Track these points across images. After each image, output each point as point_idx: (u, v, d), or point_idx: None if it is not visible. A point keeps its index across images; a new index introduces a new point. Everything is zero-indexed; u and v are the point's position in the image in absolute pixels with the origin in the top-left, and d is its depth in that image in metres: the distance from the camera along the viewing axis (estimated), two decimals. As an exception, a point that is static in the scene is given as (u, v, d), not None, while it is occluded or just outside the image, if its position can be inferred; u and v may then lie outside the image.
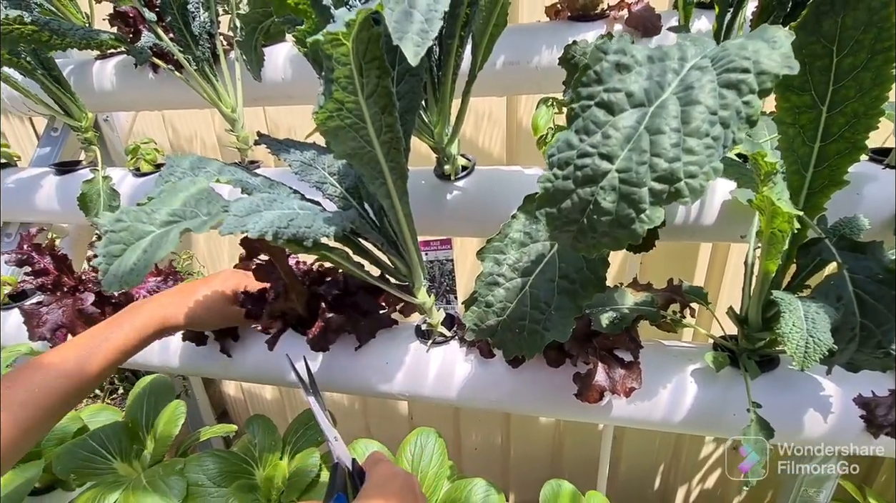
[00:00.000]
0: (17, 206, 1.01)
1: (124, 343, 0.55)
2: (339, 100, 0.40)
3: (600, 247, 0.31)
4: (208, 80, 0.80)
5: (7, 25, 0.64)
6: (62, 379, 0.50)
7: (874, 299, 0.47)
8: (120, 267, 0.39)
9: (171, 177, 0.50)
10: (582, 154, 0.28)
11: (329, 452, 0.65)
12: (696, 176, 0.26)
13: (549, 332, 0.45)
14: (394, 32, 0.35)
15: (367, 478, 0.47)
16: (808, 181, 0.52)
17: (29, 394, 0.48)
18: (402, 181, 0.51)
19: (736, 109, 0.26)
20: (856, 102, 0.46)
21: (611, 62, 0.28)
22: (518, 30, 0.85)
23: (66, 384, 0.50)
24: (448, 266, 0.73)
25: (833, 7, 0.43)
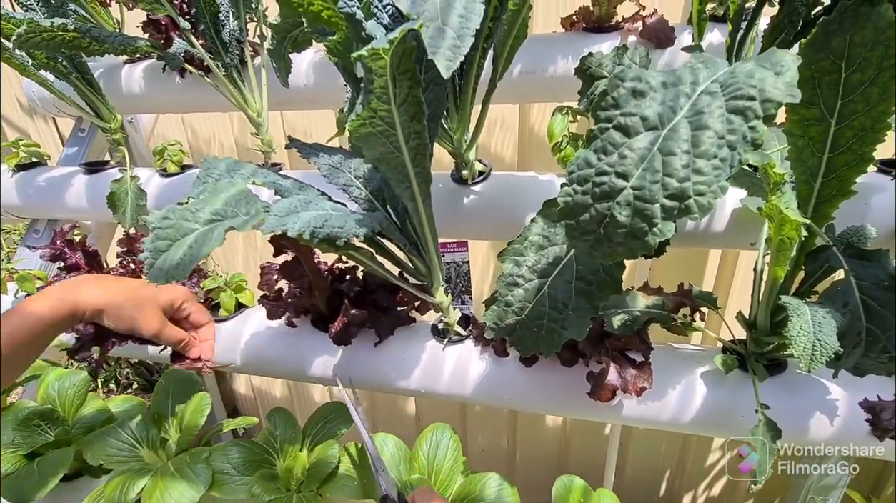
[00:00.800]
0: (47, 204, 1.05)
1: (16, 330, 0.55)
2: (373, 108, 0.43)
3: (615, 256, 0.33)
4: (236, 85, 0.83)
5: (51, 32, 0.67)
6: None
7: (880, 305, 0.49)
8: (166, 261, 0.42)
9: (209, 178, 0.53)
10: (600, 172, 0.31)
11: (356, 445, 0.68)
12: (705, 194, 0.29)
13: (567, 331, 0.48)
14: (429, 47, 0.38)
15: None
16: (816, 191, 0.54)
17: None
18: (426, 185, 0.54)
19: (742, 134, 0.29)
20: (863, 116, 0.48)
21: (627, 88, 0.31)
22: (534, 40, 0.88)
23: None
24: (464, 268, 0.75)
25: (841, 26, 0.45)
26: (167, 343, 0.64)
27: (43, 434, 0.74)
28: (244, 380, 2.03)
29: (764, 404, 0.56)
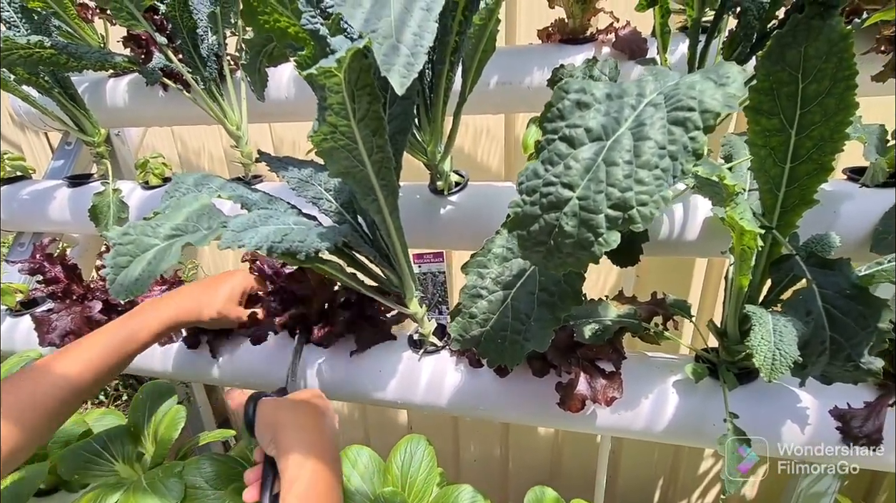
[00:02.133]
0: (32, 217, 1.05)
1: (126, 341, 0.58)
2: (332, 123, 0.43)
3: (566, 266, 0.34)
4: (215, 98, 0.84)
5: (28, 49, 0.68)
6: (64, 382, 0.52)
7: (842, 314, 0.50)
8: (126, 277, 0.42)
9: (177, 192, 0.54)
10: (547, 183, 0.31)
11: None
12: (647, 204, 0.29)
13: (529, 342, 0.48)
14: (382, 65, 0.38)
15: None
16: (780, 200, 0.54)
17: (33, 398, 0.50)
18: (393, 197, 0.54)
19: (683, 144, 0.29)
20: (822, 126, 0.49)
21: (572, 100, 0.31)
22: (511, 52, 0.89)
23: (69, 387, 0.53)
24: (440, 278, 0.76)
25: (795, 38, 0.46)
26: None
27: (18, 449, 0.74)
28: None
29: (733, 413, 0.56)
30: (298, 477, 0.48)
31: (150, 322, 0.60)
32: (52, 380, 0.52)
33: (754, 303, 0.58)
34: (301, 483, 0.47)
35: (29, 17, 0.90)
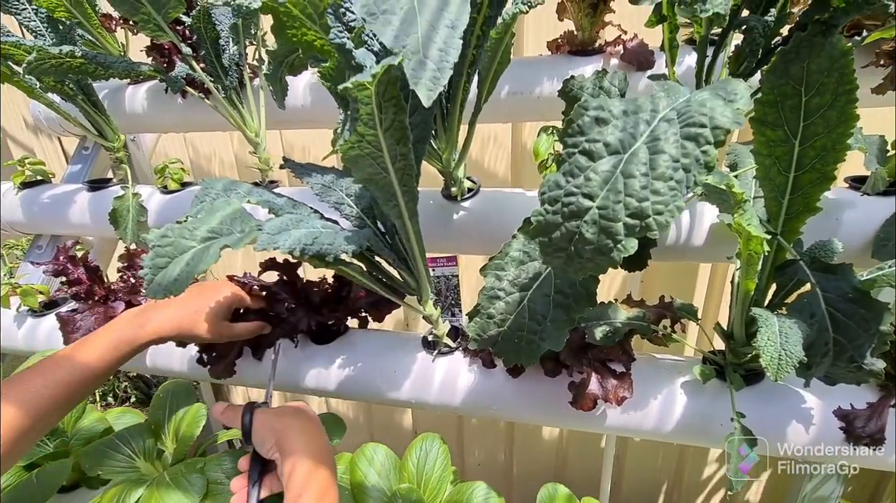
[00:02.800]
0: (51, 220, 1.07)
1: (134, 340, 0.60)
2: (361, 133, 0.46)
3: (586, 270, 0.36)
4: (235, 106, 0.87)
5: (59, 59, 0.71)
6: (78, 372, 0.55)
7: (845, 317, 0.52)
8: (165, 277, 0.45)
9: (206, 197, 0.56)
10: (568, 193, 0.33)
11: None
12: (663, 213, 0.31)
13: (545, 342, 0.50)
14: (410, 79, 0.41)
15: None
16: (784, 207, 0.56)
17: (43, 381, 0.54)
18: (413, 203, 0.56)
19: (695, 157, 0.31)
20: (824, 137, 0.51)
21: (591, 116, 0.34)
22: (522, 63, 0.92)
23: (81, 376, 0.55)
24: (453, 281, 0.78)
25: (798, 55, 0.48)
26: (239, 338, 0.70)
27: (42, 445, 0.76)
28: (241, 393, 2.03)
29: (740, 412, 0.58)
30: (310, 483, 0.49)
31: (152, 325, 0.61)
32: (65, 366, 0.55)
33: (760, 306, 0.60)
34: (314, 490, 0.48)
35: (54, 27, 0.93)
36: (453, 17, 0.45)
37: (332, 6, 0.51)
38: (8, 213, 1.10)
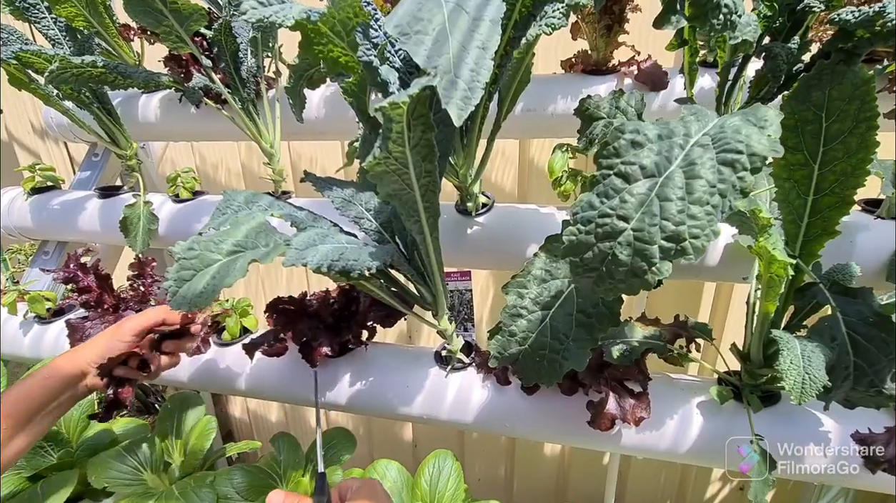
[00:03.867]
0: (61, 226, 1.07)
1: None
2: (389, 150, 0.46)
3: (617, 291, 0.36)
4: (251, 117, 0.87)
5: (81, 68, 0.71)
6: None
7: (866, 340, 0.52)
8: (189, 290, 0.44)
9: (228, 209, 0.56)
10: (602, 214, 0.33)
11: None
12: (699, 237, 0.32)
13: (568, 362, 0.50)
14: (443, 98, 0.41)
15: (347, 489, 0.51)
16: (803, 230, 0.57)
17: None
18: (435, 219, 0.56)
19: (732, 183, 0.32)
20: (844, 163, 0.52)
21: (627, 139, 0.34)
22: (536, 80, 0.92)
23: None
24: (467, 296, 0.78)
25: (820, 81, 0.49)
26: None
27: (46, 456, 0.75)
28: (240, 405, 2.01)
29: (759, 435, 0.58)
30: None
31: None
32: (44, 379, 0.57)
33: (776, 328, 0.60)
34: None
35: (73, 36, 0.94)
36: (484, 38, 0.45)
37: (362, 25, 0.52)
38: (17, 218, 1.09)
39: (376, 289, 0.58)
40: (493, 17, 0.46)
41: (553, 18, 0.56)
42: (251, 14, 0.45)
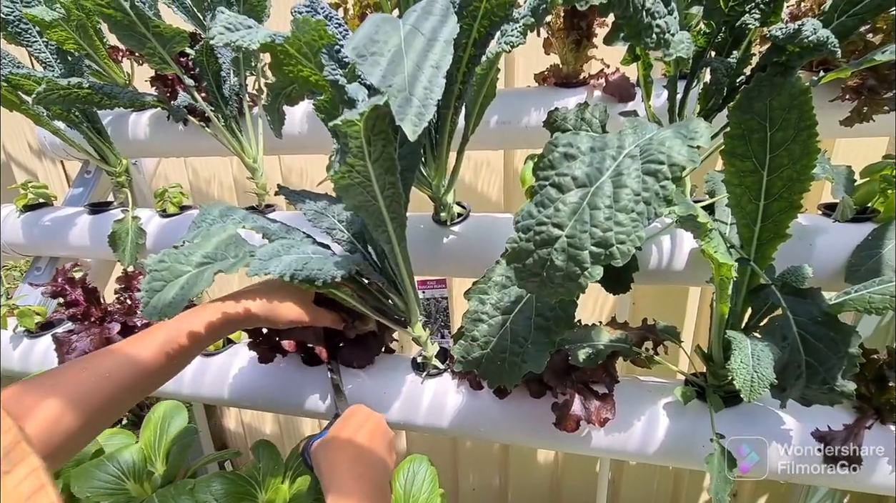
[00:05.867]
0: (52, 242, 1.10)
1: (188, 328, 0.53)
2: (350, 164, 0.49)
3: (558, 295, 0.38)
4: (234, 134, 0.90)
5: (68, 90, 0.74)
6: (134, 366, 0.50)
7: (815, 339, 0.54)
8: (160, 300, 0.47)
9: (203, 223, 0.58)
10: (540, 223, 0.36)
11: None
12: (625, 242, 0.34)
13: (527, 364, 0.52)
14: (397, 115, 0.44)
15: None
16: (756, 234, 0.59)
17: (100, 380, 0.48)
18: (402, 229, 0.59)
19: (655, 192, 0.34)
20: (789, 169, 0.55)
21: (560, 153, 0.36)
22: (510, 94, 0.96)
23: (132, 368, 0.50)
24: (443, 304, 0.80)
25: (760, 93, 0.51)
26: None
27: (32, 467, 0.76)
28: (234, 416, 2.02)
29: (719, 433, 0.60)
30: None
31: (207, 317, 0.55)
32: (118, 361, 0.49)
33: (737, 329, 0.62)
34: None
35: (63, 58, 0.97)
36: (438, 58, 0.48)
37: (327, 46, 0.55)
38: (9, 235, 1.12)
39: (347, 297, 0.60)
40: (447, 37, 0.49)
41: (512, 37, 0.59)
42: (219, 39, 0.48)
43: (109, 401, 0.48)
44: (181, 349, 0.53)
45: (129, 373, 0.49)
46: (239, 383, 0.79)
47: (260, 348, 0.72)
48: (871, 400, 0.62)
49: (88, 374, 0.48)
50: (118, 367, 0.49)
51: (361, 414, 0.61)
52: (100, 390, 0.47)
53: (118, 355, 0.50)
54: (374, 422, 0.60)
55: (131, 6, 0.69)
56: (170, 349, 0.52)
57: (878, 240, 0.67)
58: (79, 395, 0.46)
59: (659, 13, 0.43)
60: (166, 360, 0.52)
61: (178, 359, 0.54)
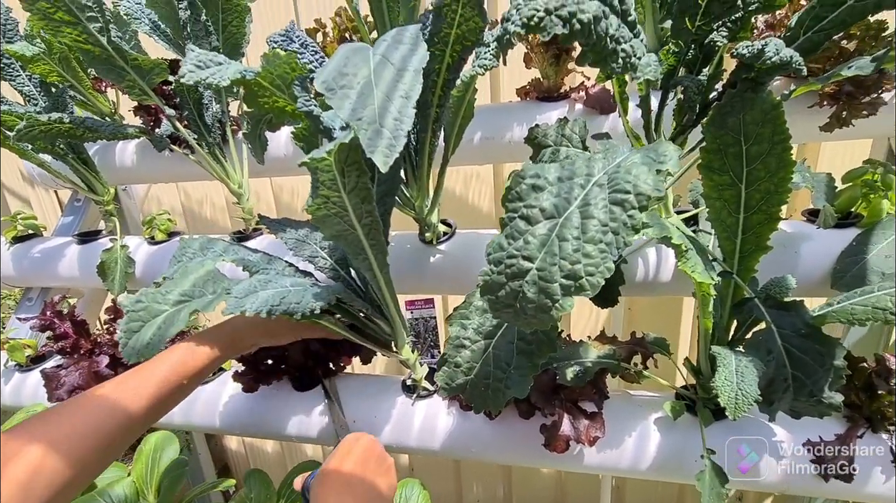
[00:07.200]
0: (42, 274, 1.10)
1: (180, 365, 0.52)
2: (325, 195, 0.49)
3: (532, 325, 0.38)
4: (218, 160, 0.90)
5: (48, 125, 0.75)
6: (118, 411, 0.48)
7: (801, 352, 0.53)
8: (138, 341, 0.47)
9: (183, 257, 0.58)
10: (510, 255, 0.36)
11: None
12: (594, 274, 0.34)
13: (510, 390, 0.51)
14: (367, 148, 0.44)
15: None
16: (738, 246, 0.59)
17: (84, 428, 0.46)
18: (383, 255, 0.59)
19: (623, 221, 0.34)
20: (767, 182, 0.54)
21: (528, 184, 0.36)
22: (493, 109, 0.96)
23: (121, 416, 0.48)
24: (431, 323, 0.79)
25: (733, 108, 0.52)
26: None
27: None
28: (235, 437, 2.01)
29: (710, 449, 0.59)
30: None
31: (204, 346, 0.54)
32: (106, 409, 0.48)
33: (723, 342, 0.62)
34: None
35: (47, 91, 0.98)
36: (407, 88, 0.48)
37: (299, 78, 0.55)
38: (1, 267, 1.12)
39: (331, 325, 0.60)
40: (417, 66, 0.49)
41: (485, 60, 0.59)
42: (189, 77, 0.48)
43: (100, 448, 0.47)
44: (193, 372, 0.52)
45: (117, 421, 0.48)
46: (229, 411, 0.79)
47: (244, 379, 0.71)
48: (861, 408, 0.61)
49: (77, 424, 0.46)
50: (106, 418, 0.47)
51: (351, 442, 0.60)
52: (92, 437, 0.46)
53: (106, 403, 0.48)
54: (364, 448, 0.59)
55: (108, 41, 0.69)
56: (175, 377, 0.51)
57: (863, 245, 0.67)
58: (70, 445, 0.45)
59: (623, 38, 0.43)
60: (169, 391, 0.51)
61: (188, 385, 0.53)
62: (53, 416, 0.47)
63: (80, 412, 0.47)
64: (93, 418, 0.47)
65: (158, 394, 0.50)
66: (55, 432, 0.45)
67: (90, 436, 0.46)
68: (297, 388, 0.77)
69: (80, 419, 0.47)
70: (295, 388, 0.78)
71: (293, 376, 0.75)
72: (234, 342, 0.58)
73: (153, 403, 0.50)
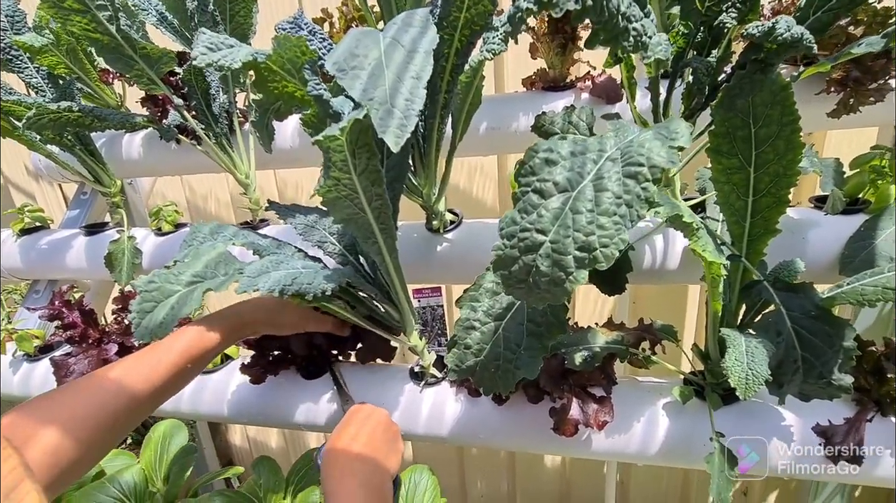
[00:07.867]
0: (49, 265, 1.10)
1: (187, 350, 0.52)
2: (336, 177, 0.49)
3: (545, 300, 0.38)
4: (225, 151, 0.91)
5: (58, 114, 0.75)
6: (125, 392, 0.48)
7: (810, 334, 0.54)
8: (151, 321, 0.47)
9: (194, 241, 0.59)
10: (523, 229, 0.36)
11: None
12: (608, 246, 0.34)
13: (521, 371, 0.51)
14: (378, 128, 0.44)
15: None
16: (747, 230, 0.59)
17: (92, 409, 0.47)
18: (392, 240, 0.59)
19: (636, 194, 0.34)
20: (775, 164, 0.55)
21: (541, 158, 0.36)
22: (499, 99, 0.96)
23: (127, 398, 0.48)
24: (439, 311, 0.80)
25: (742, 90, 0.52)
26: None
27: (34, 492, 0.76)
28: (239, 432, 2.01)
29: (719, 432, 0.59)
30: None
31: (210, 331, 0.55)
32: (111, 391, 0.48)
33: (732, 326, 0.62)
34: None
35: (55, 83, 0.98)
36: (418, 69, 0.48)
37: (309, 62, 0.55)
38: (7, 259, 1.12)
39: (340, 310, 0.60)
40: (427, 48, 0.49)
41: (493, 44, 0.59)
42: (201, 59, 0.48)
43: (108, 429, 0.47)
44: (199, 356, 0.53)
45: (124, 402, 0.48)
46: (237, 400, 0.79)
47: (251, 370, 0.72)
48: (870, 392, 0.61)
49: (85, 404, 0.47)
50: (113, 398, 0.48)
51: (360, 414, 0.60)
52: (100, 418, 0.47)
53: (113, 384, 0.49)
54: (374, 419, 0.59)
55: (117, 29, 0.70)
56: (182, 361, 0.51)
57: (871, 230, 0.67)
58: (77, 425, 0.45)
59: (635, 16, 0.43)
60: (175, 375, 0.51)
61: (193, 369, 0.54)
62: (59, 396, 0.47)
63: (85, 393, 0.47)
64: (98, 398, 0.47)
65: (166, 376, 0.51)
66: (61, 411, 0.45)
67: (95, 417, 0.46)
68: (304, 377, 0.78)
69: (86, 399, 0.47)
70: (302, 377, 0.78)
71: (300, 365, 0.75)
72: (237, 328, 0.60)
73: (159, 386, 0.50)
